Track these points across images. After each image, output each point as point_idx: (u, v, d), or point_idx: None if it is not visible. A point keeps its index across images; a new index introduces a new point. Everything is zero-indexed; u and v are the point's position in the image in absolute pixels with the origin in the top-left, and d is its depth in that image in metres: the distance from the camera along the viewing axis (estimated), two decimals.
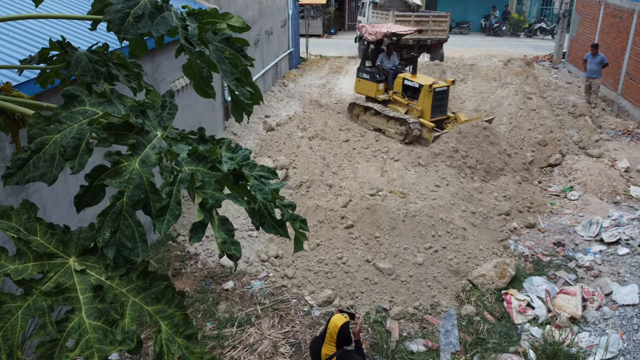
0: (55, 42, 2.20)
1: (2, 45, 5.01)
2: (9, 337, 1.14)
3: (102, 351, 1.14)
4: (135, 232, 1.20)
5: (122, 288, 1.25)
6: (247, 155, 1.40)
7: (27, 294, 1.20)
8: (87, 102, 1.30)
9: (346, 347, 3.86)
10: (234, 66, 1.67)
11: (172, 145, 1.30)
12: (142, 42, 1.99)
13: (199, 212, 1.24)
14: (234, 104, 1.79)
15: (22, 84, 4.41)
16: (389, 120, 11.53)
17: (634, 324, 5.78)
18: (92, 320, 1.18)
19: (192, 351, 1.25)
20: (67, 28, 6.29)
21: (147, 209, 1.22)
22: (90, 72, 2.06)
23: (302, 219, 1.46)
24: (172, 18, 1.52)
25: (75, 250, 1.31)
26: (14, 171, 1.20)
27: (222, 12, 1.79)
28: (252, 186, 1.36)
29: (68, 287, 1.21)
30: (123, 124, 1.25)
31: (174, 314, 1.26)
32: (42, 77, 2.42)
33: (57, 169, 1.21)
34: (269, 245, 7.54)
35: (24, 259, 1.24)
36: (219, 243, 1.28)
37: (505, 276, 6.74)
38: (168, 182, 1.22)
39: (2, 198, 4.58)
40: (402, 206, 7.85)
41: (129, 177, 1.20)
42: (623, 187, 9.14)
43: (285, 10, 17.47)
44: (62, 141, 1.20)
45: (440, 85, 10.99)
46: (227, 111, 11.63)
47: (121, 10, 1.46)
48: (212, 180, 1.26)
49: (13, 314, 1.17)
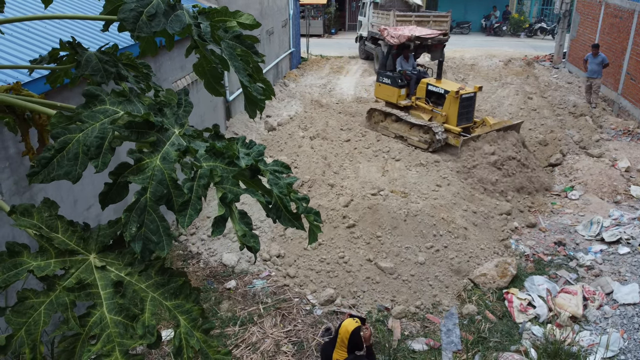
0: (65, 42, 2.23)
1: (9, 47, 5.04)
2: (32, 332, 1.16)
3: (123, 345, 1.17)
4: (160, 226, 1.23)
5: (141, 284, 1.28)
6: (262, 151, 1.43)
7: (50, 289, 1.22)
8: (108, 101, 1.32)
9: (357, 352, 3.84)
10: (246, 63, 1.70)
11: (190, 142, 1.34)
12: (153, 42, 2.02)
13: (219, 207, 1.27)
14: (247, 100, 1.81)
15: (28, 83, 4.44)
16: (411, 128, 10.91)
17: (635, 322, 5.80)
18: (113, 315, 1.21)
19: (210, 345, 1.28)
20: (71, 29, 6.31)
21: (170, 204, 1.25)
22: (100, 72, 2.09)
23: (315, 212, 1.49)
24: (185, 16, 1.55)
25: (95, 247, 1.34)
26: (39, 170, 1.22)
27: (233, 10, 1.82)
28: (269, 180, 1.39)
29: (89, 283, 1.24)
30: (144, 122, 1.28)
31: (191, 309, 1.29)
32: (51, 77, 2.44)
33: (81, 167, 1.23)
34: (271, 245, 7.56)
35: (46, 255, 1.26)
36: (240, 236, 1.31)
37: (507, 275, 6.77)
38: (189, 178, 1.26)
39: (7, 197, 4.60)
40: (404, 206, 7.87)
41: (151, 174, 1.23)
42: (623, 187, 9.17)
43: (286, 10, 17.49)
44: (85, 140, 1.23)
45: (467, 92, 10.27)
46: (229, 111, 11.65)
47: (135, 9, 1.49)
48: (230, 176, 1.29)
49: (36, 309, 1.19)
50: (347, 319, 3.90)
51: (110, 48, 2.27)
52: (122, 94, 1.37)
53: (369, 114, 12.22)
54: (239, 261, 7.29)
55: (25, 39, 5.35)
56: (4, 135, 4.57)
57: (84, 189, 5.75)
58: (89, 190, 5.85)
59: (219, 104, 10.96)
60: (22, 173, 4.78)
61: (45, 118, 2.43)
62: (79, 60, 2.11)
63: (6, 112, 2.45)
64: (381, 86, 11.85)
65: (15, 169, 4.71)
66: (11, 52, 4.95)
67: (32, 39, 5.42)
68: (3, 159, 4.57)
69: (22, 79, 4.45)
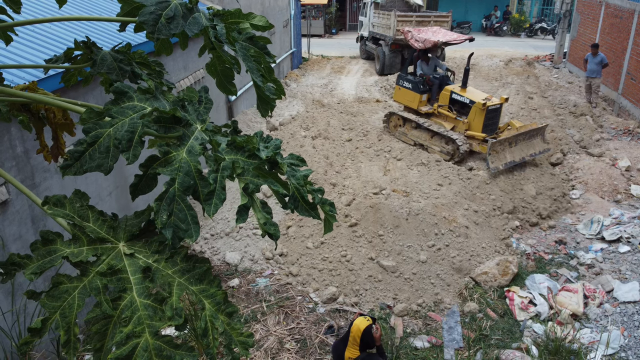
0: (80, 42, 2.29)
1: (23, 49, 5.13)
2: (66, 315, 1.23)
3: (153, 327, 1.24)
4: (188, 215, 1.30)
5: (168, 270, 1.34)
6: (279, 144, 1.50)
7: (83, 275, 1.29)
8: (135, 97, 1.39)
9: (369, 350, 3.89)
10: (259, 63, 1.77)
11: (212, 137, 1.41)
12: (168, 42, 2.08)
13: (242, 196, 1.34)
14: (259, 100, 1.88)
15: (40, 81, 4.53)
16: (432, 136, 10.41)
17: (635, 320, 5.86)
18: (143, 298, 1.28)
19: (233, 327, 1.35)
20: (82, 30, 6.39)
21: (196, 195, 1.32)
22: (115, 70, 2.15)
23: (330, 202, 1.56)
24: (202, 19, 1.62)
25: (124, 236, 1.41)
26: (72, 162, 1.29)
27: (245, 12, 1.89)
28: (286, 172, 1.46)
29: (120, 269, 1.31)
30: (171, 117, 1.35)
31: (215, 293, 1.36)
32: (66, 76, 2.51)
33: (112, 160, 1.30)
34: (274, 244, 7.62)
35: (79, 243, 1.33)
36: (261, 224, 1.38)
37: (508, 274, 6.83)
38: (213, 170, 1.33)
39: (13, 197, 4.66)
40: (405, 205, 7.93)
41: (178, 166, 1.30)
42: (624, 186, 9.23)
43: (287, 10, 17.55)
44: (116, 134, 1.29)
45: (493, 104, 9.77)
46: (231, 111, 11.72)
47: (154, 12, 1.56)
48: (250, 168, 1.36)
49: (70, 293, 1.26)
50: (358, 318, 3.94)
51: (124, 47, 2.34)
52: (148, 91, 1.44)
53: (387, 118, 11.75)
54: (242, 260, 7.35)
55: (37, 41, 5.44)
56: (11, 135, 4.65)
57: (88, 188, 5.82)
58: (93, 190, 5.92)
59: (221, 104, 11.04)
60: (29, 172, 4.85)
61: (60, 116, 2.49)
62: (94, 59, 2.17)
63: (21, 110, 2.51)
64: (401, 90, 11.30)
65: (22, 168, 4.77)
66: (26, 55, 5.03)
67: (46, 41, 5.52)
68: (10, 158, 4.64)
69: (30, 79, 4.54)
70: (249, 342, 1.38)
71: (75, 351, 1.27)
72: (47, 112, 2.45)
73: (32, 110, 2.47)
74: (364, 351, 3.86)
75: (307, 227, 7.81)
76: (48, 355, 4.80)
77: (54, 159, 2.58)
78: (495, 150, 9.31)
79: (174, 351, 1.23)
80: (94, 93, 5.81)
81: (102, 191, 6.09)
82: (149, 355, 1.22)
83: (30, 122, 2.51)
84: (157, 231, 1.40)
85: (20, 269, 1.30)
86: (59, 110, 2.46)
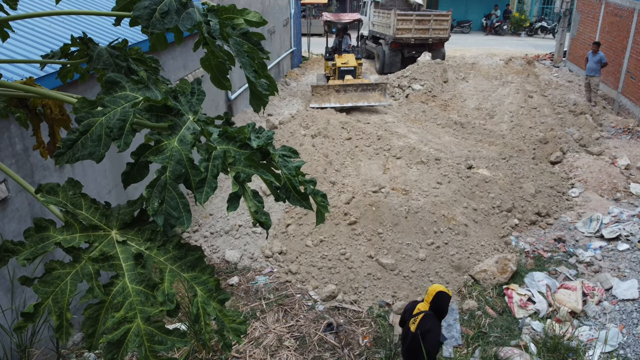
0: (76, 38, 2.30)
1: (19, 45, 5.15)
2: (59, 300, 1.25)
3: (145, 312, 1.26)
4: (179, 203, 1.32)
5: (160, 257, 1.36)
6: (271, 136, 1.52)
7: (76, 261, 1.31)
8: (127, 87, 1.41)
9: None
10: (252, 59, 1.79)
11: (204, 127, 1.42)
12: (163, 37, 2.10)
13: (233, 185, 1.36)
14: (252, 95, 1.90)
15: (38, 79, 4.54)
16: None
17: (634, 318, 5.86)
18: (135, 284, 1.29)
19: (225, 314, 1.36)
20: (78, 25, 6.41)
21: (188, 183, 1.34)
22: (112, 66, 2.17)
23: (322, 194, 1.58)
24: (196, 14, 1.63)
25: (117, 224, 1.43)
26: (64, 151, 1.31)
27: (240, 8, 1.90)
28: (278, 163, 1.48)
29: (112, 256, 1.32)
30: (162, 106, 1.37)
31: (207, 280, 1.38)
32: (62, 72, 2.52)
33: (104, 148, 1.32)
34: (273, 242, 7.63)
35: (72, 230, 1.35)
36: (252, 212, 1.40)
37: (507, 271, 6.84)
38: (205, 159, 1.35)
39: (13, 193, 4.68)
40: (405, 203, 7.94)
41: (170, 154, 1.31)
42: (623, 185, 9.23)
43: (287, 9, 17.57)
44: (108, 123, 1.31)
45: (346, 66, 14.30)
46: (230, 109, 11.74)
47: (149, 6, 1.57)
48: (242, 157, 1.38)
49: (62, 279, 1.28)
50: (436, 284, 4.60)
51: (120, 43, 2.35)
52: (140, 81, 1.45)
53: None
54: (241, 258, 7.36)
55: (34, 37, 5.46)
56: (11, 132, 4.67)
57: (87, 186, 5.84)
58: (92, 188, 5.95)
59: (221, 102, 11.05)
60: (28, 169, 4.88)
61: (57, 112, 2.50)
62: (90, 55, 2.19)
63: (18, 106, 2.53)
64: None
65: (22, 165, 4.80)
66: (22, 50, 5.05)
67: (42, 38, 5.54)
68: (10, 155, 4.66)
69: (34, 74, 4.57)
70: (241, 328, 1.40)
71: (68, 335, 1.29)
72: (44, 108, 2.47)
73: (30, 107, 2.49)
74: (433, 310, 4.35)
75: (306, 225, 7.83)
76: (47, 352, 4.82)
77: (51, 155, 2.59)
78: (318, 93, 13.19)
79: (165, 337, 1.25)
80: (94, 91, 5.84)
81: (101, 189, 6.12)
82: (140, 340, 1.24)
83: (28, 118, 2.53)
84: (149, 219, 1.43)
85: (14, 255, 1.32)
86: (56, 106, 2.47)
